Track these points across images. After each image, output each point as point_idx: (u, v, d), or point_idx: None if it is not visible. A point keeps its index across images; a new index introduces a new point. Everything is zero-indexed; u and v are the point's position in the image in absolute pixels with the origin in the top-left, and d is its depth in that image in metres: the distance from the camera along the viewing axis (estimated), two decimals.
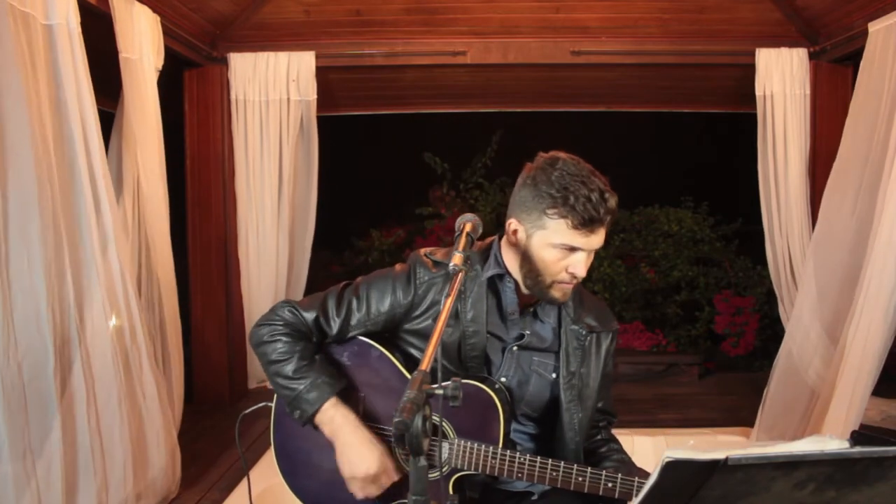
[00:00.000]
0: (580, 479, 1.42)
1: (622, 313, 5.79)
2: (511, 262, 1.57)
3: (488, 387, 1.51)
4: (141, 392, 2.68)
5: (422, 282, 1.56)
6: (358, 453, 1.48)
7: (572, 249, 1.46)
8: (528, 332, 1.58)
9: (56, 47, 2.35)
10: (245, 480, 2.91)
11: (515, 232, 1.53)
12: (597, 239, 1.47)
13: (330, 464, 1.58)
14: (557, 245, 1.46)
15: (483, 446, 1.47)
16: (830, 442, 0.93)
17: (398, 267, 1.62)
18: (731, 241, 5.86)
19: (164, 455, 2.77)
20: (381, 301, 1.57)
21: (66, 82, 2.38)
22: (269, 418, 1.69)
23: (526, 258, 1.51)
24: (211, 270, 4.16)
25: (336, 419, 1.49)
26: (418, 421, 1.04)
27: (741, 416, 3.73)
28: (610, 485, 1.40)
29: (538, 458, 1.45)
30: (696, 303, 5.72)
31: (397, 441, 1.53)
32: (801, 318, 3.49)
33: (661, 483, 0.89)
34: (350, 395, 1.57)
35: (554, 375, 1.58)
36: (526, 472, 1.44)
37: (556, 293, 1.50)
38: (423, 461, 1.08)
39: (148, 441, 2.71)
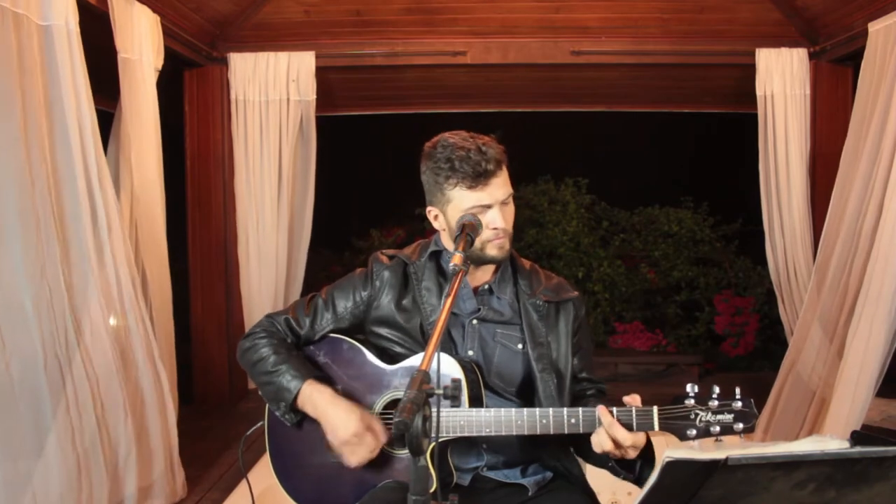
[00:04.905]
0: (544, 421, 1.45)
1: (622, 313, 5.79)
2: (448, 243, 1.66)
3: (453, 357, 1.56)
4: (140, 392, 2.68)
5: (378, 274, 1.68)
6: (337, 418, 1.52)
7: (484, 208, 1.54)
8: (484, 307, 1.64)
9: (53, 48, 2.34)
10: (245, 480, 2.92)
11: (437, 217, 1.64)
12: (498, 190, 1.55)
13: (321, 465, 1.62)
14: (467, 210, 1.54)
15: (449, 409, 1.50)
16: (830, 442, 0.93)
17: (359, 270, 1.74)
18: (731, 241, 5.86)
19: (164, 457, 2.77)
20: (346, 300, 1.69)
21: (64, 83, 2.37)
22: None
23: (456, 235, 1.60)
24: (211, 270, 4.16)
25: (314, 396, 1.56)
26: (418, 421, 1.04)
27: None
28: (573, 420, 1.44)
29: (502, 410, 1.48)
30: (696, 303, 5.71)
31: (397, 441, 1.54)
32: (805, 325, 3.49)
33: (662, 483, 0.89)
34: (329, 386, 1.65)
35: (520, 346, 1.63)
36: (493, 423, 1.47)
37: (491, 252, 1.57)
38: (423, 461, 1.08)
39: (148, 442, 2.71)
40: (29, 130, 2.22)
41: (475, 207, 1.54)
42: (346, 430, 1.50)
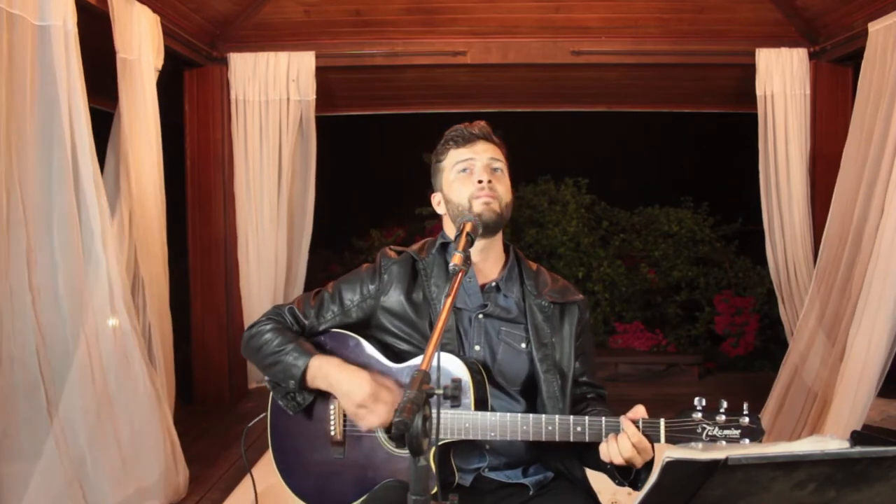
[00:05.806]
0: (550, 428, 1.45)
1: (622, 313, 5.79)
2: (450, 228, 1.68)
3: (459, 358, 1.56)
4: (137, 393, 2.68)
5: (386, 268, 1.68)
6: (349, 383, 1.53)
7: (467, 164, 1.62)
8: (490, 303, 1.65)
9: (50, 48, 2.33)
10: (245, 479, 2.92)
11: (440, 202, 1.70)
12: (484, 151, 1.63)
13: (324, 461, 1.63)
14: (455, 168, 1.63)
15: (455, 411, 1.50)
16: (830, 442, 0.93)
17: (365, 265, 1.75)
18: (731, 241, 5.86)
19: (166, 455, 2.77)
20: (353, 293, 1.69)
21: (60, 84, 2.35)
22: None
23: (449, 203, 1.65)
24: (211, 270, 4.16)
25: (323, 367, 1.56)
26: (418, 421, 1.04)
27: None
28: (579, 429, 1.44)
29: (508, 414, 1.48)
30: (696, 303, 5.71)
31: (397, 441, 1.54)
32: (806, 326, 3.49)
33: (662, 483, 0.89)
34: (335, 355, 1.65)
35: (523, 346, 1.63)
36: (498, 427, 1.47)
37: (478, 208, 1.57)
38: (423, 461, 1.08)
39: (148, 442, 2.71)
40: (10, 132, 2.19)
41: (460, 163, 1.62)
42: (361, 392, 1.50)
